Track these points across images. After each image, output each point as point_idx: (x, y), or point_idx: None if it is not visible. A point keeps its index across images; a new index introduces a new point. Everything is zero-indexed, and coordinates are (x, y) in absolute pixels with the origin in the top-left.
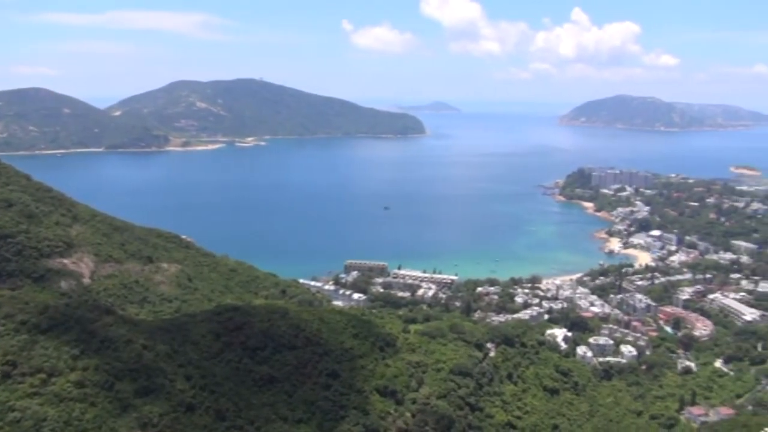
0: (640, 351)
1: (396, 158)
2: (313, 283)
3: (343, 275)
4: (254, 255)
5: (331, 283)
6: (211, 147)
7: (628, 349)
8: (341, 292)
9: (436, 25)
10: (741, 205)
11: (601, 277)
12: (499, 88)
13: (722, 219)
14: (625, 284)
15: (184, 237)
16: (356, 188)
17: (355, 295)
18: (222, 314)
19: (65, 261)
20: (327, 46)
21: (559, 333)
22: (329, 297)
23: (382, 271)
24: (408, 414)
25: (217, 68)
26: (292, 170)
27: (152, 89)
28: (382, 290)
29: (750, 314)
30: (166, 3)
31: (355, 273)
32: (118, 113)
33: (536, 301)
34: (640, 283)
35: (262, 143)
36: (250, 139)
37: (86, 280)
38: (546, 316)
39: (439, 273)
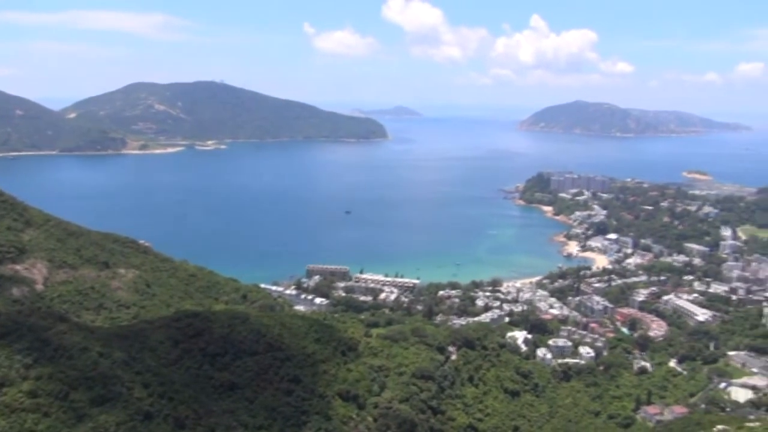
0: (598, 352)
1: (358, 162)
2: (274, 287)
3: (304, 280)
4: (214, 260)
5: (292, 287)
6: (170, 150)
7: (586, 351)
8: (303, 296)
9: (397, 30)
10: (693, 208)
11: (560, 280)
12: (460, 93)
13: (676, 222)
14: (583, 286)
15: (141, 242)
16: (318, 192)
17: (317, 300)
18: (181, 320)
19: (17, 267)
20: (289, 49)
21: (519, 335)
22: (291, 302)
23: (344, 276)
24: (370, 418)
25: (177, 70)
26: (252, 174)
27: (109, 91)
28: (344, 294)
29: (702, 315)
30: (125, 3)
31: (317, 277)
32: (73, 115)
33: (497, 303)
34: (597, 285)
35: (223, 146)
36: (210, 142)
37: (39, 287)
38: (507, 319)
39: (401, 277)
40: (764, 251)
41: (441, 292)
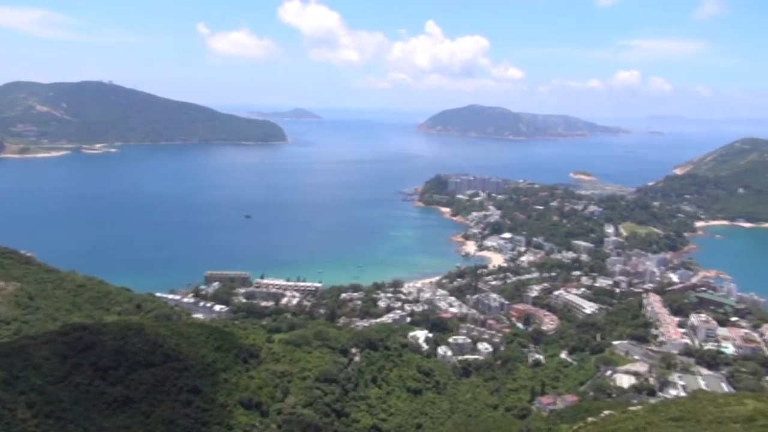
0: (495, 347)
1: (257, 165)
2: (171, 296)
3: (203, 287)
4: (105, 269)
5: (190, 295)
6: (54, 154)
7: (484, 346)
8: (202, 304)
9: (295, 33)
10: (580, 207)
11: (459, 279)
12: (359, 96)
13: (564, 221)
14: (480, 285)
15: (23, 252)
16: (216, 196)
17: (217, 307)
18: (69, 334)
19: None
20: (182, 49)
21: (420, 334)
22: (189, 310)
23: (245, 281)
24: (274, 425)
25: (60, 69)
26: (145, 178)
27: None
28: (244, 300)
29: (590, 308)
30: None
31: (216, 284)
32: None
33: (398, 304)
34: (494, 283)
35: (113, 150)
36: (98, 145)
37: None
38: (408, 319)
39: (303, 281)
40: (643, 246)
41: (343, 295)
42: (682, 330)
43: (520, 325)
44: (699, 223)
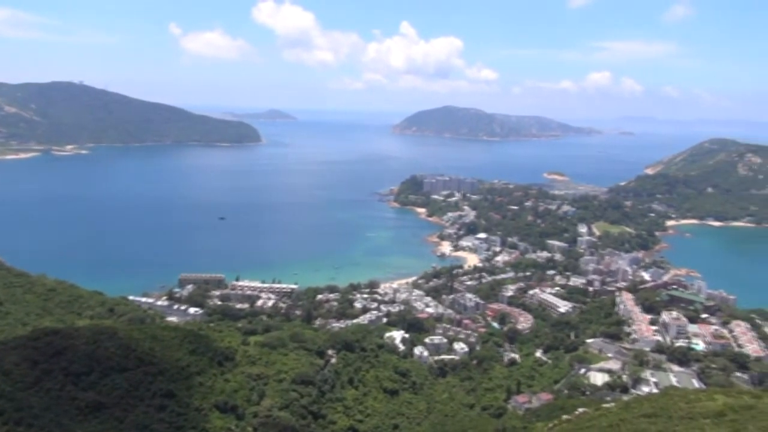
0: (471, 347)
1: (231, 167)
2: (144, 299)
3: (177, 289)
4: (76, 273)
5: (164, 298)
6: (23, 156)
7: (460, 346)
8: (176, 307)
9: (269, 33)
10: (554, 207)
11: (435, 279)
12: (334, 97)
13: (538, 221)
14: (456, 285)
15: None
16: (190, 198)
17: (191, 310)
18: (39, 339)
19: None
20: (154, 50)
21: (397, 335)
22: (163, 313)
23: (220, 283)
24: (250, 428)
25: (29, 69)
26: (117, 180)
27: None
28: (219, 303)
29: (564, 306)
30: None
31: (190, 286)
32: None
33: (375, 305)
34: (469, 283)
35: (84, 151)
36: (69, 147)
37: None
38: (384, 320)
39: (279, 282)
40: (616, 245)
41: (319, 296)
42: (654, 327)
43: (495, 324)
44: (670, 222)
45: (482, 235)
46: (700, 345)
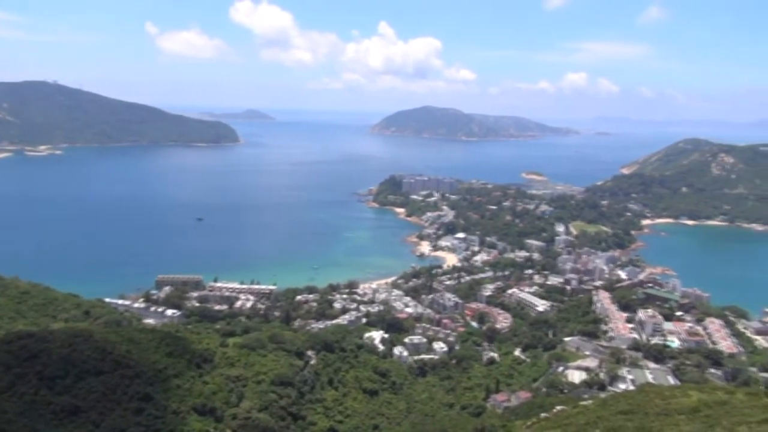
0: (450, 346)
1: (208, 167)
2: (120, 301)
3: (154, 291)
4: (51, 275)
5: (141, 300)
6: None
7: (439, 346)
8: (153, 309)
9: (246, 33)
10: (532, 207)
11: (414, 279)
12: (312, 97)
13: (516, 221)
14: (435, 284)
15: None
16: (167, 199)
17: (169, 312)
18: (12, 342)
19: None
20: (130, 49)
21: (376, 335)
22: (140, 315)
23: (197, 285)
24: (229, 431)
25: (1, 68)
26: (92, 181)
27: None
28: (197, 304)
29: (542, 305)
30: None
31: (167, 288)
32: None
33: (354, 305)
34: (448, 282)
35: (58, 152)
36: (42, 147)
37: None
38: (364, 320)
39: (258, 283)
40: (592, 245)
41: (298, 297)
42: (630, 325)
43: (474, 324)
44: (645, 221)
45: (461, 235)
46: (675, 342)
